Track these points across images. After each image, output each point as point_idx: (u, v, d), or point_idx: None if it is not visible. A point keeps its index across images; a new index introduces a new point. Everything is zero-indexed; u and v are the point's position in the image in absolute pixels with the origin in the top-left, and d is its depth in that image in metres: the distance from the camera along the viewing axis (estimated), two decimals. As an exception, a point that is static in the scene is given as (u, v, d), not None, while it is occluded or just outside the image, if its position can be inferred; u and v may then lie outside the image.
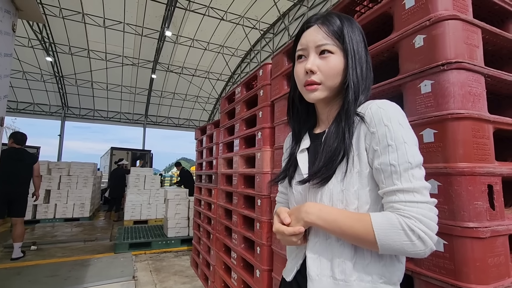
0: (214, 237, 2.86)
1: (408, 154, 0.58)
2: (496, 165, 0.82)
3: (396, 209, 0.57)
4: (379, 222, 0.57)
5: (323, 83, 0.70)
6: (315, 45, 0.71)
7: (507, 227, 0.79)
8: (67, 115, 18.30)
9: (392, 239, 0.55)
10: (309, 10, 10.52)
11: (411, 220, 0.54)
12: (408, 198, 0.56)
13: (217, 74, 16.97)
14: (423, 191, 0.57)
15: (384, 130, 0.60)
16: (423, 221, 0.54)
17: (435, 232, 0.55)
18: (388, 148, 0.60)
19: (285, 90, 1.72)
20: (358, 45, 0.71)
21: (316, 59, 0.70)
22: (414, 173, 0.58)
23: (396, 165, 0.58)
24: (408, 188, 0.57)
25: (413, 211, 0.55)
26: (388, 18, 1.08)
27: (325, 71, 0.69)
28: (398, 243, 0.55)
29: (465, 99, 0.82)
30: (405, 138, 0.59)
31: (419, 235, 0.53)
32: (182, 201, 5.20)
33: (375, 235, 0.56)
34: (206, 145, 3.54)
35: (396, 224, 0.55)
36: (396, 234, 0.55)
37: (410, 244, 0.54)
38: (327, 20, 0.72)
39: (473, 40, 0.87)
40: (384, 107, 0.63)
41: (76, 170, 7.43)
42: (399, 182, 0.58)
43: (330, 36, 0.70)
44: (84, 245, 4.91)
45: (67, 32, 12.86)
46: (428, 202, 0.56)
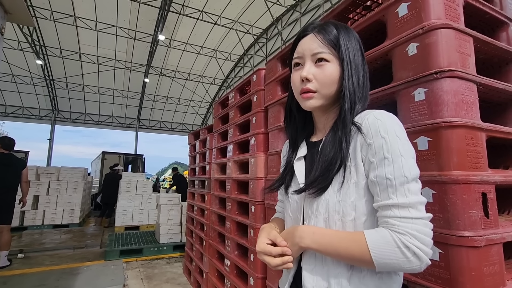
0: (207, 244, 2.82)
1: (405, 167, 0.58)
2: (489, 173, 0.82)
3: (390, 224, 0.56)
4: (374, 241, 0.56)
5: (318, 91, 0.70)
6: (311, 53, 0.71)
7: (501, 236, 0.79)
8: (57, 119, 18.00)
9: (388, 257, 0.55)
10: (302, 16, 10.64)
11: (405, 237, 0.54)
12: (403, 213, 0.56)
13: (211, 78, 16.96)
14: (419, 206, 0.57)
15: (381, 142, 0.60)
16: (418, 237, 0.54)
17: (430, 247, 0.55)
18: (384, 160, 0.59)
19: (278, 95, 1.72)
20: (354, 54, 0.71)
21: (312, 67, 0.70)
22: (410, 188, 0.57)
23: (392, 178, 0.58)
24: (403, 203, 0.56)
25: (407, 227, 0.54)
26: (382, 26, 1.08)
27: (320, 79, 0.69)
28: (394, 261, 0.54)
29: (459, 107, 0.82)
30: (401, 151, 0.59)
31: (414, 252, 0.53)
32: (174, 206, 5.13)
33: (371, 254, 0.56)
34: (199, 150, 3.51)
35: (391, 242, 0.55)
36: (391, 252, 0.54)
37: (406, 261, 0.54)
38: (323, 29, 0.72)
39: (465, 48, 0.88)
40: (382, 118, 0.62)
41: (66, 175, 7.28)
42: (394, 196, 0.57)
43: (326, 45, 0.70)
44: (73, 252, 4.79)
45: (58, 35, 12.71)
46: (423, 218, 0.56)
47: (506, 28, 1.08)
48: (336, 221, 0.65)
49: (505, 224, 0.85)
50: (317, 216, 0.68)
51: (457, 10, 0.91)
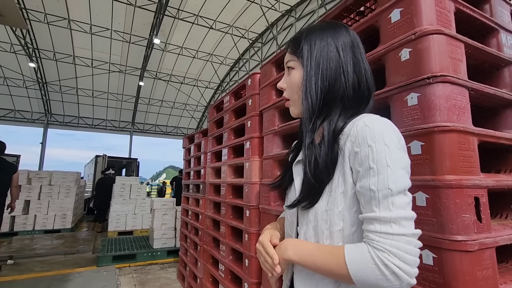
0: (202, 249, 2.79)
1: (390, 179, 0.54)
2: (481, 177, 0.83)
3: (370, 239, 0.54)
4: (352, 256, 0.54)
5: (291, 98, 0.74)
6: (285, 62, 0.76)
7: (494, 240, 0.79)
8: (50, 122, 17.78)
9: (366, 275, 0.52)
10: (297, 21, 10.73)
11: (384, 254, 0.51)
12: (384, 229, 0.52)
13: (206, 82, 16.96)
14: (402, 221, 0.53)
15: (367, 150, 0.57)
16: (398, 254, 0.50)
17: (413, 266, 0.51)
18: (369, 171, 0.56)
19: (273, 100, 1.72)
20: (322, 55, 0.68)
21: (286, 76, 0.76)
22: (394, 201, 0.53)
23: (376, 190, 0.54)
24: (385, 217, 0.53)
25: (387, 243, 0.51)
26: (375, 31, 1.09)
27: (289, 86, 0.75)
28: (372, 278, 0.51)
29: (451, 112, 0.83)
30: (388, 160, 0.55)
31: (393, 270, 0.50)
32: (169, 211, 5.09)
33: (348, 270, 0.53)
34: (194, 154, 3.49)
35: (368, 258, 0.52)
36: (368, 268, 0.51)
37: (384, 279, 0.50)
38: (293, 38, 0.76)
39: (457, 54, 0.89)
40: (371, 125, 0.58)
41: (58, 179, 7.17)
42: (377, 209, 0.54)
43: (291, 54, 0.74)
44: (64, 258, 4.70)
45: (51, 37, 12.61)
46: (406, 234, 0.52)
47: (496, 34, 1.09)
48: (323, 230, 0.63)
49: (497, 228, 0.86)
50: (307, 224, 0.67)
51: (449, 16, 0.92)
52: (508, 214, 1.01)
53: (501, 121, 1.08)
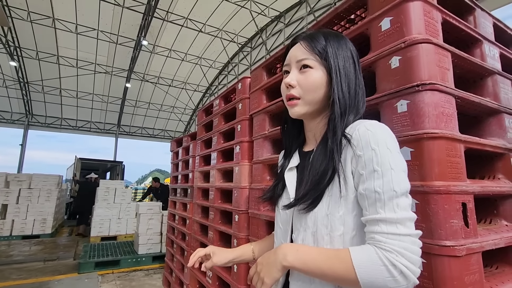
0: (189, 254, 2.74)
1: (394, 181, 0.56)
2: (468, 183, 0.85)
3: (377, 241, 0.54)
4: (359, 258, 0.54)
5: (302, 98, 0.70)
6: (296, 60, 0.72)
7: (480, 245, 0.81)
8: (31, 123, 17.15)
9: (374, 276, 0.52)
10: (286, 27, 10.86)
11: (392, 254, 0.52)
12: (391, 230, 0.54)
13: (194, 85, 16.84)
14: (407, 222, 0.55)
15: (371, 154, 0.58)
16: (405, 255, 0.52)
17: (418, 266, 0.53)
18: (374, 173, 0.57)
19: (263, 104, 1.72)
20: (345, 61, 0.71)
21: (296, 74, 0.72)
22: (399, 202, 0.55)
23: (381, 192, 0.56)
24: (391, 218, 0.54)
25: (395, 244, 0.52)
26: (365, 39, 1.11)
27: (304, 85, 0.70)
28: (381, 280, 0.51)
29: (439, 119, 0.85)
30: (392, 164, 0.57)
31: (401, 270, 0.51)
32: (155, 215, 4.98)
33: (356, 273, 0.53)
34: (182, 157, 3.44)
35: (376, 260, 0.52)
36: (377, 270, 0.52)
37: (392, 280, 0.51)
38: (309, 37, 0.73)
39: (444, 63, 0.92)
40: (373, 129, 0.60)
41: (38, 182, 6.91)
42: (382, 211, 0.55)
43: (310, 52, 0.71)
44: (43, 265, 4.51)
45: (35, 36, 12.22)
46: (411, 235, 0.54)
47: (480, 45, 1.13)
48: (324, 235, 0.63)
49: (483, 233, 0.88)
50: (305, 230, 0.66)
51: (436, 26, 0.95)
52: (492, 219, 1.04)
53: (485, 128, 1.11)
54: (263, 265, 0.64)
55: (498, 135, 1.07)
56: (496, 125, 1.09)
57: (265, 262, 0.63)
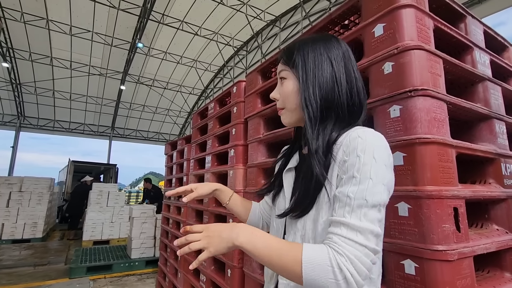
0: (182, 258, 2.71)
1: (368, 191, 0.55)
2: (460, 188, 0.86)
3: (333, 242, 0.54)
4: (310, 255, 0.53)
5: (285, 107, 0.75)
6: (277, 74, 0.78)
7: (471, 249, 0.82)
8: (23, 125, 16.89)
9: (318, 275, 0.52)
10: (281, 31, 10.93)
11: (342, 258, 0.51)
12: (350, 235, 0.53)
13: (190, 88, 16.81)
14: (368, 234, 0.53)
15: (355, 160, 0.58)
16: (355, 263, 0.51)
17: (364, 278, 0.52)
18: (352, 179, 0.57)
19: (258, 108, 1.72)
20: (316, 64, 0.69)
21: (279, 86, 0.77)
22: (367, 213, 0.55)
23: (352, 198, 0.56)
24: (354, 225, 0.54)
25: (348, 249, 0.52)
26: (359, 44, 1.13)
27: (282, 95, 0.75)
28: (324, 280, 0.51)
29: (431, 125, 0.86)
30: (372, 173, 0.56)
31: (346, 276, 0.50)
32: (148, 219, 4.93)
33: (302, 268, 0.52)
34: (177, 160, 3.42)
35: (326, 259, 0.52)
36: (323, 270, 0.51)
37: (335, 283, 0.50)
38: (285, 50, 0.77)
39: (436, 69, 0.93)
40: (363, 137, 0.60)
41: (29, 185, 6.80)
42: (348, 216, 0.55)
43: (283, 64, 0.76)
44: (34, 270, 4.42)
45: (28, 37, 12.08)
46: (367, 247, 0.53)
47: (471, 52, 1.16)
48: (310, 239, 0.64)
49: (474, 237, 0.89)
50: (295, 233, 0.68)
51: (428, 33, 0.97)
52: (484, 223, 1.05)
53: (476, 133, 1.13)
54: (214, 235, 0.61)
55: (489, 140, 1.09)
56: (487, 130, 1.10)
57: (218, 233, 0.61)
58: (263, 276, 1.47)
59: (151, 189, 7.19)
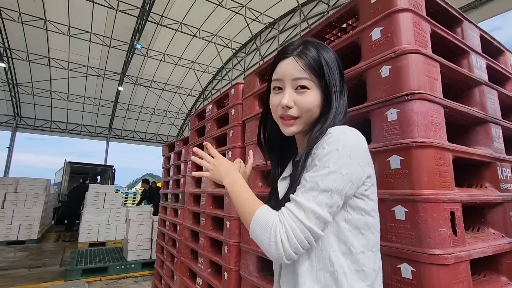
0: (179, 261, 2.69)
1: (322, 177, 0.60)
2: (456, 191, 0.86)
3: (281, 212, 0.63)
4: (261, 213, 0.64)
5: (300, 117, 0.71)
6: (292, 78, 0.70)
7: (468, 253, 0.82)
8: (19, 126, 16.78)
9: (259, 231, 0.62)
10: (279, 34, 10.97)
11: (280, 225, 0.60)
12: (294, 210, 0.60)
13: (188, 89, 16.79)
14: (310, 214, 0.59)
15: (320, 152, 0.63)
16: (288, 231, 0.59)
17: (293, 248, 0.59)
18: (313, 167, 0.63)
19: (256, 110, 1.72)
20: (335, 77, 0.71)
21: (292, 93, 0.70)
22: (315, 196, 0.60)
23: (307, 181, 0.62)
24: (301, 203, 0.60)
25: (288, 220, 0.60)
26: (356, 48, 1.13)
27: (301, 106, 0.70)
28: (262, 236, 0.61)
29: (428, 128, 0.86)
30: (332, 164, 0.61)
31: (276, 241, 0.59)
32: (145, 221, 4.90)
33: (251, 220, 0.64)
34: (174, 162, 3.41)
35: (269, 221, 0.61)
36: (264, 228, 0.61)
37: (268, 242, 0.60)
38: (303, 53, 0.70)
39: (433, 73, 0.93)
40: (333, 132, 0.64)
41: (25, 186, 6.74)
42: (300, 194, 0.62)
43: (306, 70, 0.68)
44: (28, 272, 4.38)
45: (25, 37, 12.04)
46: (304, 224, 0.59)
47: (467, 56, 1.16)
48: None
49: (471, 241, 0.89)
50: None
51: (425, 37, 0.97)
52: (480, 227, 1.05)
53: (472, 137, 1.13)
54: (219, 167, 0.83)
55: (485, 144, 1.09)
56: (483, 134, 1.11)
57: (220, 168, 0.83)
58: (259, 279, 1.47)
59: (147, 189, 7.16)
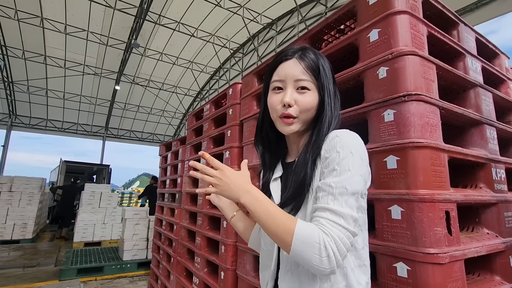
0: (175, 261, 2.69)
1: (348, 181, 0.62)
2: (451, 192, 0.87)
3: (320, 224, 0.60)
4: (302, 228, 0.59)
5: (298, 117, 0.73)
6: (294, 79, 0.73)
7: (463, 252, 0.83)
8: (15, 124, 16.61)
9: (305, 248, 0.57)
10: (277, 34, 10.98)
11: (328, 238, 0.57)
12: (334, 219, 0.59)
13: (185, 89, 16.74)
14: (349, 219, 0.60)
15: (335, 156, 0.64)
16: (338, 243, 0.57)
17: (342, 256, 0.58)
18: (333, 172, 0.64)
19: (254, 110, 1.72)
20: (330, 81, 0.75)
21: (294, 93, 0.73)
22: (347, 200, 0.61)
23: (334, 187, 0.62)
24: (337, 210, 0.60)
25: (333, 231, 0.58)
26: (354, 49, 1.14)
27: (301, 105, 0.73)
28: (309, 253, 0.57)
29: (424, 129, 0.87)
30: (350, 166, 0.63)
31: (328, 254, 0.56)
32: (141, 220, 4.88)
33: (292, 238, 0.58)
34: (171, 162, 3.40)
35: (315, 236, 0.57)
36: (311, 244, 0.57)
37: (318, 259, 0.56)
38: (305, 56, 0.74)
39: (430, 74, 0.95)
40: (341, 135, 0.67)
41: (19, 185, 6.68)
42: (332, 202, 0.61)
43: (308, 72, 0.73)
44: (23, 271, 4.33)
45: (21, 35, 11.93)
46: (348, 230, 0.59)
47: (463, 58, 1.18)
48: None
49: (465, 240, 0.90)
50: None
51: (422, 39, 0.98)
52: (474, 227, 1.06)
53: (467, 139, 1.15)
54: (228, 181, 0.67)
55: (480, 145, 1.11)
56: (478, 135, 1.12)
57: (230, 181, 0.67)
58: (256, 278, 1.47)
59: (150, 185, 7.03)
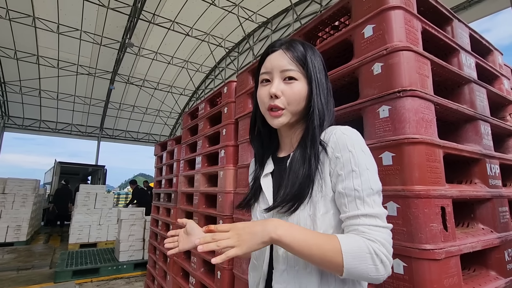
0: (171, 261, 2.67)
1: (371, 180, 0.61)
2: (447, 187, 0.87)
3: (361, 232, 0.57)
4: (348, 244, 0.55)
5: (286, 108, 0.71)
6: (280, 69, 0.71)
7: (458, 248, 0.83)
8: (7, 125, 16.39)
9: (359, 262, 0.54)
10: (273, 33, 10.97)
11: (375, 244, 0.55)
12: (372, 222, 0.58)
13: (181, 88, 16.66)
14: (384, 217, 0.60)
15: (349, 155, 0.62)
16: (385, 245, 0.56)
17: (392, 256, 0.57)
18: (352, 173, 0.61)
19: (249, 108, 1.71)
20: (320, 73, 0.73)
21: (280, 84, 0.71)
22: (375, 199, 0.60)
23: (360, 190, 0.60)
24: (371, 213, 0.58)
25: (377, 235, 0.56)
26: (349, 45, 1.13)
27: (289, 96, 0.70)
28: (364, 267, 0.53)
29: (419, 125, 0.87)
30: (367, 165, 0.62)
31: (382, 260, 0.54)
32: (137, 221, 4.85)
33: (343, 258, 0.54)
34: (166, 161, 3.37)
35: (363, 247, 0.54)
36: (363, 258, 0.54)
37: (374, 268, 0.53)
38: (291, 46, 0.73)
39: (424, 70, 0.94)
40: (348, 133, 0.65)
41: (13, 187, 6.59)
42: (362, 207, 0.59)
43: (294, 62, 0.71)
44: (17, 274, 4.28)
45: (13, 35, 11.75)
46: (387, 227, 0.59)
47: (457, 54, 1.18)
48: None
49: (461, 236, 0.90)
50: None
51: (416, 34, 0.98)
52: (469, 222, 1.07)
53: (462, 134, 1.15)
54: (245, 231, 0.58)
55: (474, 141, 1.11)
56: (473, 131, 1.12)
57: (248, 230, 0.58)
58: (253, 277, 1.46)
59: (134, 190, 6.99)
